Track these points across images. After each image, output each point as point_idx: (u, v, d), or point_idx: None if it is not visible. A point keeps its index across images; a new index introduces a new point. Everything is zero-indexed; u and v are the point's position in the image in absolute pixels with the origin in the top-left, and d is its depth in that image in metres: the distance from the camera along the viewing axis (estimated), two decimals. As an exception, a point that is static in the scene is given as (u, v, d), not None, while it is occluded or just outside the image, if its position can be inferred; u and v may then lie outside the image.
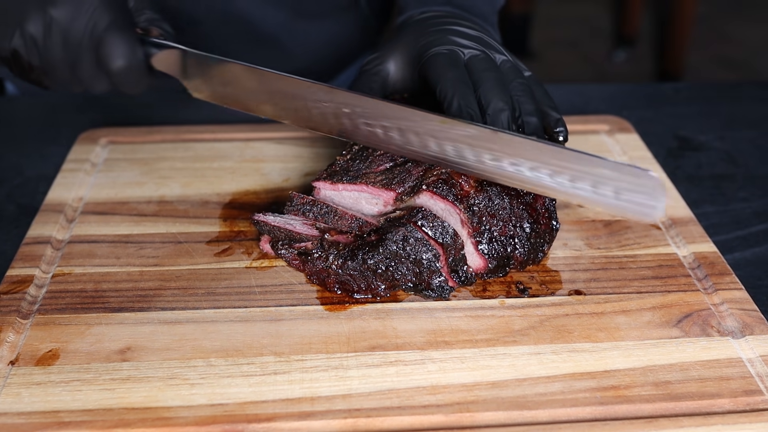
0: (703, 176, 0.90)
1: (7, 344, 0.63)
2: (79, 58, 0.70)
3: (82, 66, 0.71)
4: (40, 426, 0.55)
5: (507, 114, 0.68)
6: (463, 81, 0.71)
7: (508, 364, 0.61)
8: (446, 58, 0.73)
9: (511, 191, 0.69)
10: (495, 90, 0.69)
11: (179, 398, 0.58)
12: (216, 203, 0.81)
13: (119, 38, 0.70)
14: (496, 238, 0.69)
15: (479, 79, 0.71)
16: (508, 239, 0.69)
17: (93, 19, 0.69)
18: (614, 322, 0.65)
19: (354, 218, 0.68)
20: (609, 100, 1.08)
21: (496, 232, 0.69)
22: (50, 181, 0.85)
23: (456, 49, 0.74)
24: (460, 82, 0.70)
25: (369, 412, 0.56)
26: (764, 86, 1.15)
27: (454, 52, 0.73)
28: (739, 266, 0.74)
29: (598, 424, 0.56)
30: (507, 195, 0.69)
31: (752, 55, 3.38)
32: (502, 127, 0.67)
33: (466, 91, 0.70)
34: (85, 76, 0.71)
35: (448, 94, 0.70)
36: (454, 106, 0.69)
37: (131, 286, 0.69)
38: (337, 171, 0.72)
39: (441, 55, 0.73)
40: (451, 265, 0.67)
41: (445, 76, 0.71)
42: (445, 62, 0.72)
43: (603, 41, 3.53)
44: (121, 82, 0.71)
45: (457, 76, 0.71)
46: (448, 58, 0.73)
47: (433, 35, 0.76)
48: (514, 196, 0.69)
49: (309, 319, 0.65)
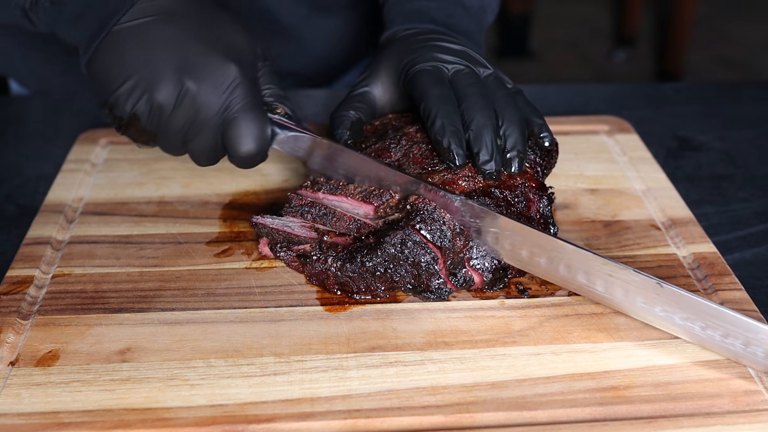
0: (703, 176, 0.90)
1: (7, 345, 0.63)
2: (203, 135, 0.66)
3: (201, 142, 0.67)
4: (40, 427, 0.55)
5: (489, 130, 0.69)
6: (447, 99, 0.71)
7: (507, 365, 0.61)
8: (430, 75, 0.73)
9: (500, 202, 0.68)
10: (477, 106, 0.70)
11: (179, 399, 0.58)
12: (216, 204, 0.81)
13: (253, 121, 0.66)
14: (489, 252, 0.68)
15: (463, 95, 0.72)
16: None
17: (230, 98, 0.65)
18: (614, 322, 0.65)
19: (352, 220, 0.68)
20: (609, 100, 1.08)
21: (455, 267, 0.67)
22: (50, 182, 0.85)
23: (440, 66, 0.74)
24: (443, 101, 0.71)
25: (369, 412, 0.56)
26: (764, 86, 1.15)
27: (438, 69, 0.74)
28: (738, 267, 0.74)
29: (597, 424, 0.56)
30: (497, 206, 0.68)
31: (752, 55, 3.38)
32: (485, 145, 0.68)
33: (449, 110, 0.70)
34: (201, 150, 0.68)
35: (432, 112, 0.71)
36: (437, 126, 0.70)
37: (131, 286, 0.69)
38: (317, 182, 0.72)
39: (425, 72, 0.74)
40: (449, 267, 0.67)
41: (429, 94, 0.71)
42: (429, 79, 0.73)
43: (603, 41, 3.53)
44: (242, 164, 0.68)
45: (441, 93, 0.72)
46: (432, 75, 0.73)
47: (417, 52, 0.76)
48: (505, 206, 0.68)
49: (309, 320, 0.65)
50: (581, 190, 0.84)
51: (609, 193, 0.83)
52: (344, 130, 0.75)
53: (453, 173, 0.69)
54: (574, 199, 0.82)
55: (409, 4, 0.85)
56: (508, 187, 0.69)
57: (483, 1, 0.90)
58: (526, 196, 0.69)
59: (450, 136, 0.69)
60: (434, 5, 0.84)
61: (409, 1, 0.85)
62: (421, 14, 0.83)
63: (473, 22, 0.87)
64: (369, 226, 0.68)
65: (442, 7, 0.84)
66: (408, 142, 0.73)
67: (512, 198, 0.69)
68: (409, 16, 0.84)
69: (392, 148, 0.73)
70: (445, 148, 0.69)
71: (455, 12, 0.85)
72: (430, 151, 0.71)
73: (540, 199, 0.69)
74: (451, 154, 0.69)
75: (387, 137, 0.74)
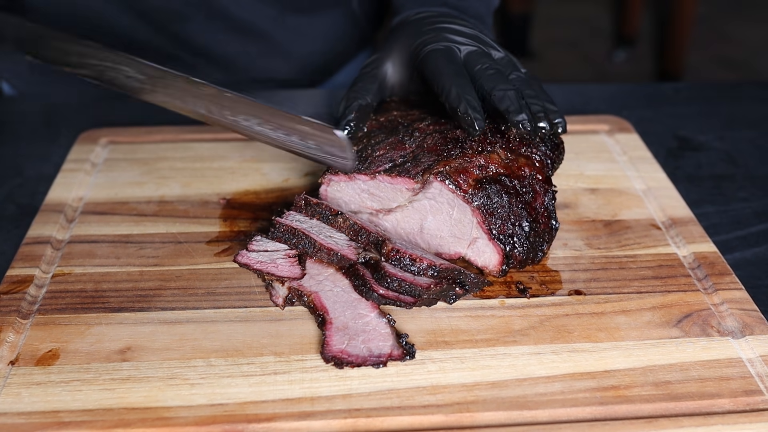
0: (703, 176, 0.90)
1: (7, 344, 0.63)
2: None
3: None
4: (40, 426, 0.55)
5: (513, 92, 0.69)
6: (460, 73, 0.71)
7: (508, 364, 0.61)
8: (442, 54, 0.73)
9: (510, 190, 0.69)
10: (496, 77, 0.71)
11: (179, 398, 0.58)
12: (216, 203, 0.81)
13: None
14: (495, 236, 0.69)
15: (478, 73, 0.71)
16: (507, 238, 0.69)
17: None
18: (614, 322, 0.65)
19: (331, 251, 0.68)
20: (609, 100, 1.08)
21: (495, 231, 0.69)
22: (50, 181, 0.85)
23: (452, 46, 0.74)
24: (457, 74, 0.71)
25: (369, 412, 0.56)
26: (764, 86, 1.15)
27: (450, 49, 0.74)
28: (739, 266, 0.74)
29: (598, 424, 0.56)
30: (506, 194, 0.69)
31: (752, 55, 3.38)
32: (512, 104, 0.68)
33: (463, 82, 0.70)
34: None
35: (446, 85, 0.70)
36: (453, 95, 0.69)
37: (131, 286, 0.69)
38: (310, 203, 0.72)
39: (437, 51, 0.74)
40: None
41: (442, 71, 0.71)
42: (442, 57, 0.73)
43: (603, 41, 3.53)
44: None
45: (454, 70, 0.71)
46: (444, 54, 0.73)
47: (429, 34, 0.76)
48: (513, 194, 0.69)
49: (309, 319, 0.65)
50: (581, 190, 0.84)
51: (609, 193, 0.83)
52: (351, 112, 0.75)
53: (467, 161, 0.69)
54: (574, 198, 0.82)
55: None
56: (518, 177, 0.70)
57: None
58: (533, 188, 0.70)
59: (466, 103, 0.69)
60: None
61: None
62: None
63: (483, 4, 0.87)
64: (348, 260, 0.68)
65: None
66: (421, 134, 0.73)
67: (521, 187, 0.69)
68: (420, 0, 0.84)
69: (406, 140, 0.73)
70: (463, 113, 0.68)
71: None
72: (443, 139, 0.71)
73: (546, 193, 0.70)
74: (469, 118, 0.68)
75: (399, 131, 0.74)
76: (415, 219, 0.70)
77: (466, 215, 0.68)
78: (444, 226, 0.69)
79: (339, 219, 0.70)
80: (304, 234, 0.69)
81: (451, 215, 0.69)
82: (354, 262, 0.68)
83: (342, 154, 0.69)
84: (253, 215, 0.79)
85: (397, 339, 0.62)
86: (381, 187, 0.71)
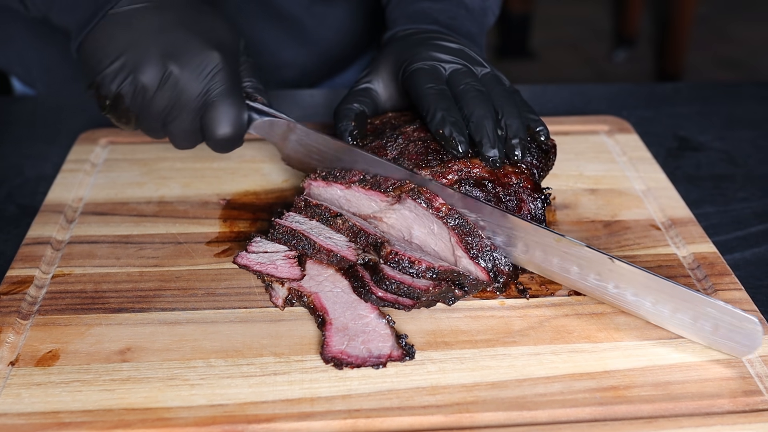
0: (703, 176, 0.90)
1: (7, 345, 0.63)
2: (183, 117, 0.70)
3: (181, 124, 0.70)
4: (40, 426, 0.55)
5: (490, 120, 0.70)
6: (444, 94, 0.72)
7: (507, 365, 0.61)
8: (427, 73, 0.74)
9: (491, 197, 0.68)
10: (476, 101, 0.71)
11: (179, 399, 0.58)
12: (216, 204, 0.81)
13: (231, 106, 0.70)
14: (475, 256, 0.68)
15: (461, 93, 0.72)
16: (487, 254, 0.68)
17: (211, 83, 0.69)
18: (614, 322, 0.65)
19: (331, 252, 0.68)
20: (609, 100, 1.08)
21: (474, 251, 0.67)
22: (50, 182, 0.85)
23: (437, 65, 0.75)
24: (441, 96, 0.72)
25: (369, 412, 0.56)
26: (764, 86, 1.15)
27: (434, 68, 0.75)
28: (738, 266, 0.74)
29: (598, 424, 0.56)
30: (486, 200, 0.68)
31: (752, 55, 3.38)
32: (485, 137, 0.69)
33: (447, 104, 0.71)
34: (180, 132, 0.71)
35: (431, 107, 0.71)
36: (437, 118, 0.70)
37: (131, 286, 0.69)
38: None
39: (422, 70, 0.74)
40: None
41: (426, 91, 0.72)
42: (427, 77, 0.73)
43: (603, 41, 3.53)
44: (218, 147, 0.72)
45: (438, 90, 0.72)
46: (428, 73, 0.74)
47: (415, 50, 0.77)
48: (495, 202, 0.68)
49: (309, 320, 0.65)
50: (581, 190, 0.84)
51: (609, 193, 0.83)
52: (349, 121, 0.75)
53: (444, 167, 0.69)
54: (574, 199, 0.82)
55: (412, 6, 0.85)
56: (502, 185, 0.69)
57: (485, 3, 0.90)
58: (518, 196, 0.69)
59: (451, 126, 0.70)
60: (437, 7, 0.85)
61: (412, 3, 0.86)
62: (424, 15, 0.84)
63: (475, 24, 0.87)
64: (347, 261, 0.68)
65: (445, 9, 0.85)
66: (405, 140, 0.73)
67: (504, 195, 0.69)
68: (412, 17, 0.84)
69: (389, 146, 0.73)
70: (447, 136, 0.70)
71: (458, 14, 0.85)
72: (425, 149, 0.71)
73: (533, 201, 0.70)
74: (454, 142, 0.69)
75: (384, 135, 0.74)
76: (404, 226, 0.70)
77: (445, 232, 0.68)
78: (429, 239, 0.69)
79: (338, 220, 0.70)
80: (304, 235, 0.69)
81: (432, 230, 0.68)
82: (354, 263, 0.68)
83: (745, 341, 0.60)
84: (253, 216, 0.79)
85: (396, 340, 0.62)
86: (357, 197, 0.71)
